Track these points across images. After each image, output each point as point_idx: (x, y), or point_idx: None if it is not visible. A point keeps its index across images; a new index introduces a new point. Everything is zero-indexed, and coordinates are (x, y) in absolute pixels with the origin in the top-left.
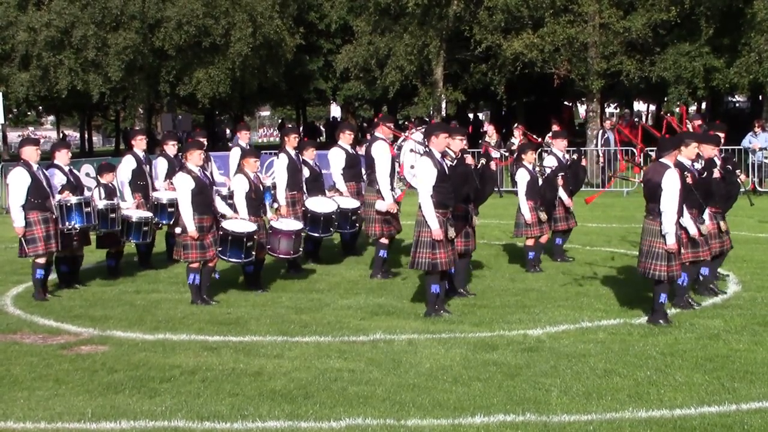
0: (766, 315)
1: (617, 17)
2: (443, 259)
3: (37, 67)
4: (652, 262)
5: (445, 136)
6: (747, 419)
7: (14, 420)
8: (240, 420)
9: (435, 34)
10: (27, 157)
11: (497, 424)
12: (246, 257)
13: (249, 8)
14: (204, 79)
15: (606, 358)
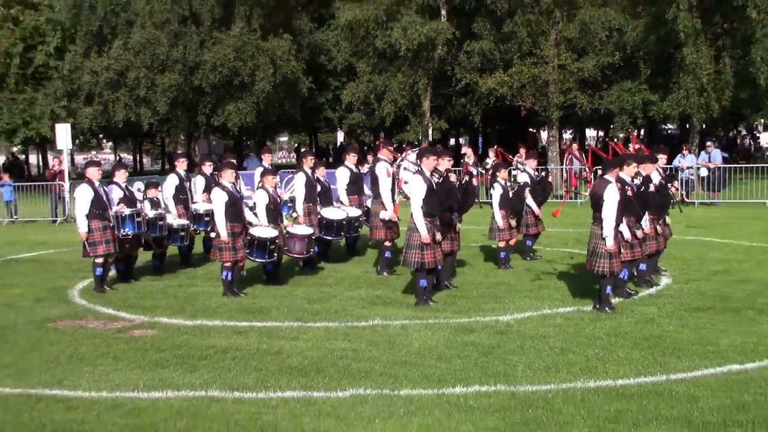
0: (691, 303)
1: (572, 60)
2: (429, 259)
3: (99, 102)
4: (597, 260)
5: (434, 158)
6: (674, 387)
7: (82, 390)
8: (263, 390)
9: (423, 74)
10: (90, 175)
11: (474, 393)
12: (269, 257)
13: (270, 53)
14: (234, 111)
15: (562, 339)
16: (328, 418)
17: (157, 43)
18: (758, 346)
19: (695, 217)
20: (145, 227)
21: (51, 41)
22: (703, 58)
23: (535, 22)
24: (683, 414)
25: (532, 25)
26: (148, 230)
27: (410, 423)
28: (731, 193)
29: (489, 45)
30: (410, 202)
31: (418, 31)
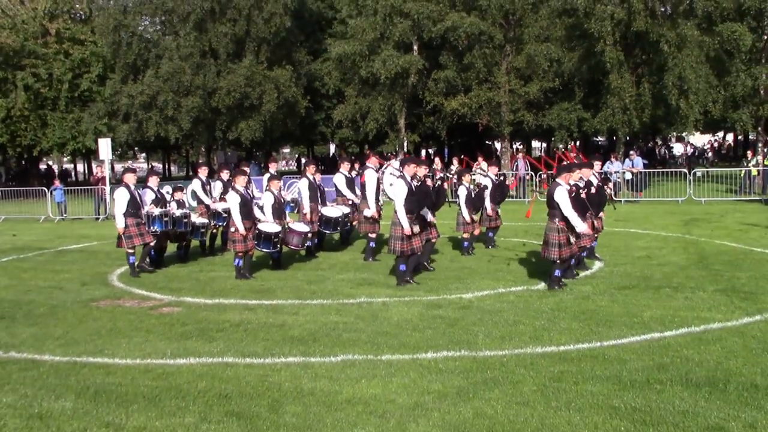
0: (619, 283)
1: (520, 85)
2: (408, 248)
3: (134, 121)
4: (549, 249)
5: (414, 166)
6: (606, 352)
7: (119, 358)
8: (269, 357)
9: (399, 97)
10: (127, 180)
11: (442, 358)
12: (273, 248)
13: (275, 80)
14: (245, 127)
15: (514, 313)
16: (323, 379)
17: (182, 73)
18: (674, 317)
19: (622, 212)
20: (171, 225)
21: (94, 70)
22: (625, 83)
23: (490, 55)
24: (614, 374)
25: (487, 57)
26: (174, 227)
27: (390, 383)
28: (650, 192)
29: (452, 73)
30: (394, 201)
31: (394, 63)
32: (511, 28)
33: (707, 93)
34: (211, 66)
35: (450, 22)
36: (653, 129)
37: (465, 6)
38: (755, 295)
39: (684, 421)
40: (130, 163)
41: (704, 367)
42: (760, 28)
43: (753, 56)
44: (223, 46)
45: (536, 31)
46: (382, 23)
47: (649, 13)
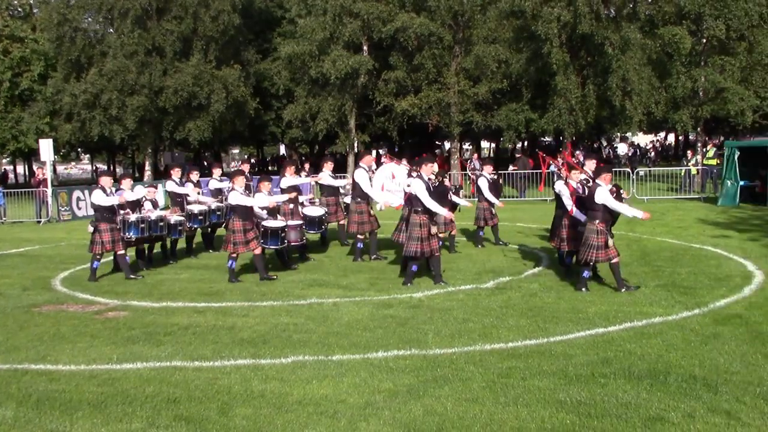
0: (564, 280)
1: (469, 86)
2: (427, 249)
3: (77, 120)
4: (587, 251)
5: (431, 165)
6: (553, 347)
7: (62, 364)
8: (219, 360)
9: (349, 97)
10: (103, 183)
11: (393, 357)
12: (281, 244)
13: (223, 80)
14: (193, 128)
15: (464, 311)
16: (273, 380)
17: (127, 71)
18: (618, 312)
19: None
20: (147, 231)
21: (35, 69)
22: (571, 85)
23: (439, 56)
24: (560, 368)
25: (436, 58)
26: (150, 231)
27: (341, 382)
28: None
29: (402, 74)
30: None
31: (344, 63)
32: (460, 29)
33: (650, 94)
34: (157, 64)
35: (399, 22)
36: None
37: (414, 7)
38: (694, 289)
39: (627, 413)
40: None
41: (646, 360)
42: (699, 31)
43: (693, 59)
44: (169, 44)
45: (485, 32)
46: (332, 23)
47: (594, 16)
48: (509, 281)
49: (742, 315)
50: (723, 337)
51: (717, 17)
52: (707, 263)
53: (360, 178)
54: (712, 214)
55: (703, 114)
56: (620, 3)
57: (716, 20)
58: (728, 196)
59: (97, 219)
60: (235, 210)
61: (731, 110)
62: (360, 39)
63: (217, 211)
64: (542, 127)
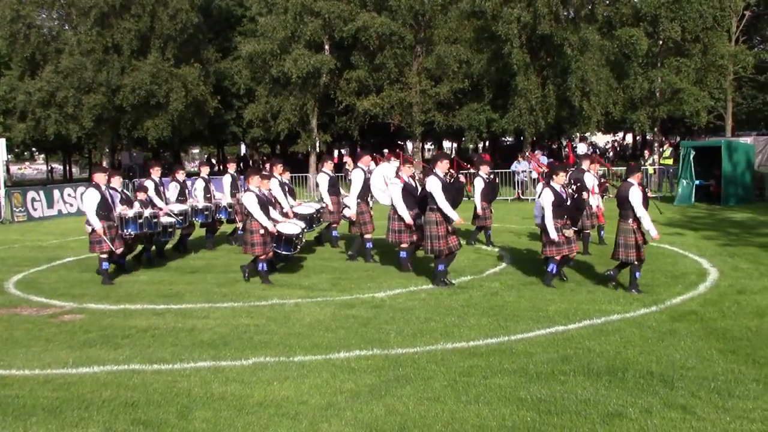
0: (526, 279)
1: (431, 86)
2: (444, 246)
3: (32, 119)
4: (627, 251)
5: (446, 162)
6: (514, 345)
7: (16, 368)
8: (178, 362)
9: (311, 97)
10: (98, 180)
11: (355, 357)
12: (294, 250)
13: (182, 78)
14: (151, 127)
15: (426, 310)
16: (233, 382)
17: (84, 69)
18: (577, 311)
19: (528, 210)
20: (146, 228)
21: None
22: (532, 85)
23: (401, 55)
24: (521, 367)
25: (398, 57)
26: (149, 228)
27: (303, 384)
28: None
29: (364, 73)
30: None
31: (306, 62)
32: (422, 29)
33: (608, 95)
34: (114, 62)
35: (361, 21)
36: (558, 129)
37: (376, 6)
38: (651, 287)
39: (586, 409)
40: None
41: (604, 357)
42: (655, 33)
43: (649, 60)
44: (126, 42)
45: (446, 32)
46: (293, 22)
47: (554, 17)
48: (471, 280)
49: (698, 312)
50: (679, 333)
51: (673, 19)
52: (664, 261)
53: (356, 179)
54: (669, 213)
55: (660, 114)
56: (578, 4)
57: (672, 22)
58: (684, 196)
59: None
60: (251, 212)
61: (687, 111)
62: (321, 38)
63: (205, 210)
64: (503, 127)
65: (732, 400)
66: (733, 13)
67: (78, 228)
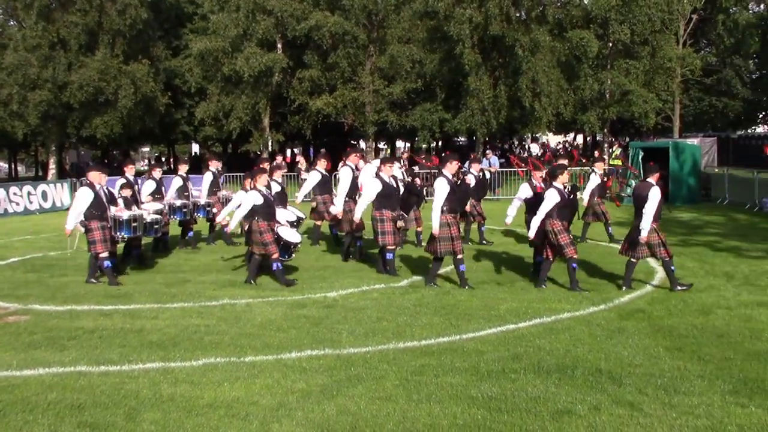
0: (478, 277)
1: (384, 85)
2: (451, 248)
3: None
4: (657, 249)
5: (456, 163)
6: (465, 344)
7: None
8: (126, 364)
9: (263, 96)
10: (92, 179)
11: (306, 357)
12: (289, 257)
13: (132, 75)
14: (100, 124)
15: (378, 310)
16: (183, 383)
17: (29, 65)
18: (528, 309)
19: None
20: (141, 231)
21: None
22: (484, 86)
23: (354, 55)
24: (472, 365)
25: (351, 57)
26: (144, 231)
27: (254, 384)
28: (507, 190)
29: (317, 73)
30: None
31: (258, 61)
32: (375, 28)
33: (558, 96)
34: (61, 58)
35: (314, 20)
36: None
37: (329, 5)
38: (600, 285)
39: (536, 407)
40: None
41: (554, 355)
42: (605, 35)
43: (599, 62)
44: (73, 38)
45: (399, 32)
46: (245, 20)
47: (505, 18)
48: (423, 280)
49: (645, 310)
50: (627, 331)
51: (622, 22)
52: (612, 260)
53: (344, 177)
54: (618, 212)
55: (610, 115)
56: (530, 6)
57: (621, 25)
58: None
59: (87, 217)
60: (257, 211)
61: (635, 112)
62: (274, 36)
63: (183, 208)
64: (455, 127)
65: (678, 397)
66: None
67: (22, 228)
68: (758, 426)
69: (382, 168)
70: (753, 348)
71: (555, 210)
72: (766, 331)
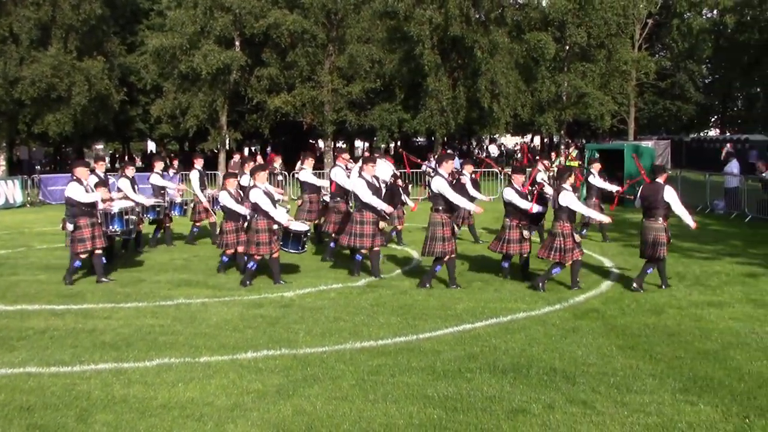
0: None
1: (343, 85)
2: (448, 249)
3: None
4: (658, 248)
5: (451, 162)
6: (422, 344)
7: None
8: (78, 364)
9: (220, 93)
10: (79, 174)
11: (262, 357)
12: (302, 249)
13: (85, 71)
14: (53, 121)
15: (335, 310)
16: (136, 384)
17: None
18: (484, 309)
19: None
20: (132, 225)
21: None
22: (443, 86)
23: (313, 54)
24: (429, 365)
25: (310, 56)
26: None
27: (209, 384)
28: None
29: (275, 71)
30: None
31: (216, 58)
32: (334, 27)
33: (516, 97)
34: (12, 53)
35: (272, 18)
36: (468, 130)
37: (288, 3)
38: (555, 284)
39: (491, 406)
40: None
41: (510, 354)
42: (563, 38)
43: (557, 64)
44: (25, 32)
45: (358, 31)
46: (203, 17)
47: (465, 20)
48: (380, 279)
49: (599, 309)
50: (581, 330)
51: (579, 25)
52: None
53: (337, 177)
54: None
55: (566, 117)
56: (489, 8)
57: (578, 28)
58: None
59: (75, 214)
60: (258, 209)
61: (592, 114)
62: (232, 34)
63: (156, 207)
64: (414, 127)
65: (630, 395)
66: (636, 21)
67: None
68: (707, 423)
69: (365, 168)
70: (702, 347)
71: (569, 212)
72: (715, 331)
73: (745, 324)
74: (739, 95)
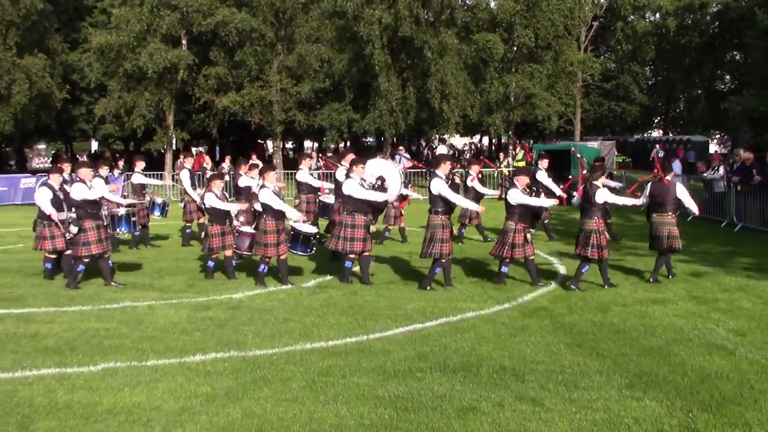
0: (386, 278)
1: (291, 84)
2: (446, 250)
3: None
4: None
5: (449, 164)
6: (372, 344)
7: None
8: (20, 370)
9: (167, 93)
10: (83, 175)
11: (211, 360)
12: (310, 251)
13: (26, 69)
14: None
15: (285, 311)
16: (80, 390)
17: None
18: (435, 308)
19: None
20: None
21: None
22: (392, 86)
23: (261, 53)
24: (379, 365)
25: (258, 55)
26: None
27: (156, 389)
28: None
29: (223, 70)
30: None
31: (162, 57)
32: (283, 26)
33: (466, 98)
34: None
35: (220, 16)
36: (418, 131)
37: (236, 1)
38: (504, 285)
39: (441, 405)
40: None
41: (460, 353)
42: (511, 39)
43: (505, 65)
44: None
45: (307, 31)
46: (149, 14)
47: (414, 20)
48: (331, 280)
49: (547, 308)
50: (530, 329)
51: (527, 26)
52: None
53: (340, 178)
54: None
55: (514, 118)
56: (438, 8)
57: (526, 29)
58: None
59: (80, 217)
60: (267, 209)
61: (539, 115)
62: (179, 32)
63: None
64: (364, 127)
65: (578, 392)
66: (582, 23)
67: None
68: (652, 418)
69: (354, 170)
70: (647, 343)
71: (602, 209)
72: (659, 328)
73: (688, 320)
74: (681, 97)
